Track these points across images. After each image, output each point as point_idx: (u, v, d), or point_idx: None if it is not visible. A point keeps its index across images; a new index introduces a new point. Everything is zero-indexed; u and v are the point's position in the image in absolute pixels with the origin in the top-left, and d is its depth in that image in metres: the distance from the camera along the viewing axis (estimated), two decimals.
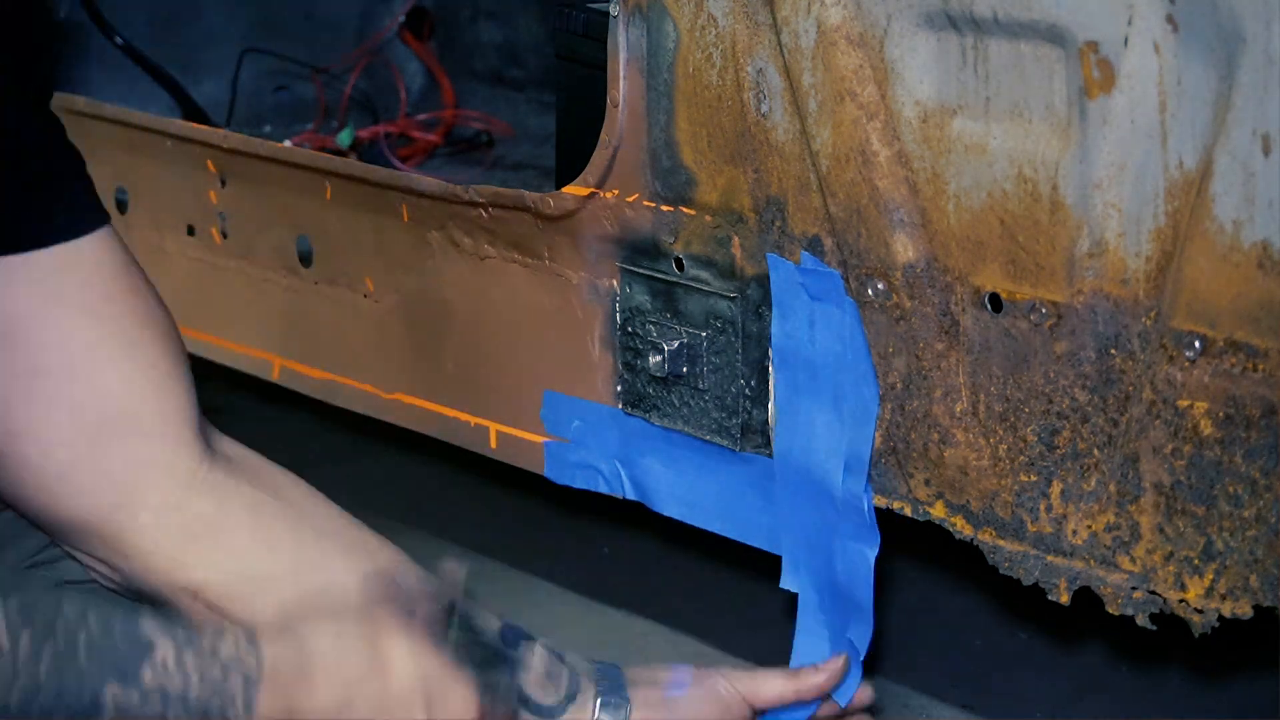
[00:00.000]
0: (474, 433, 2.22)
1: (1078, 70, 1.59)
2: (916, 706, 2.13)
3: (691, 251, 1.94)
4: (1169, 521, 1.62)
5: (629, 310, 2.02)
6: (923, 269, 1.74)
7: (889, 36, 1.71)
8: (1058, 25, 1.59)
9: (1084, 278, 1.63)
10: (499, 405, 2.20)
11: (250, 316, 2.47)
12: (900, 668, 2.20)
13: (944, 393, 1.76)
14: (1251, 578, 1.57)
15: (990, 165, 1.67)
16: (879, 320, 1.79)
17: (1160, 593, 1.64)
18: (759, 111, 1.83)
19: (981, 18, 1.65)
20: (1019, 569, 1.74)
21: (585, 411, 2.08)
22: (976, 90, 1.68)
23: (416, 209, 2.20)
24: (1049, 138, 1.63)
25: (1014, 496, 1.73)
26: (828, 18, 1.74)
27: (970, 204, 1.69)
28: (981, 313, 1.71)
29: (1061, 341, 1.66)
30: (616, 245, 2.01)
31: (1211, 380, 1.56)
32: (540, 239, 2.08)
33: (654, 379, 2.00)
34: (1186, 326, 1.57)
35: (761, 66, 1.81)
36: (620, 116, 1.95)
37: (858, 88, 1.74)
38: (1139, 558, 1.65)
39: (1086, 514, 1.69)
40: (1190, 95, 1.53)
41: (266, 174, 2.38)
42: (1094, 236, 1.61)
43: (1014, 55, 1.64)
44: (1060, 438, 1.69)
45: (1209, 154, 1.52)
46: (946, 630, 2.30)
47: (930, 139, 1.71)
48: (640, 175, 1.95)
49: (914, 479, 1.81)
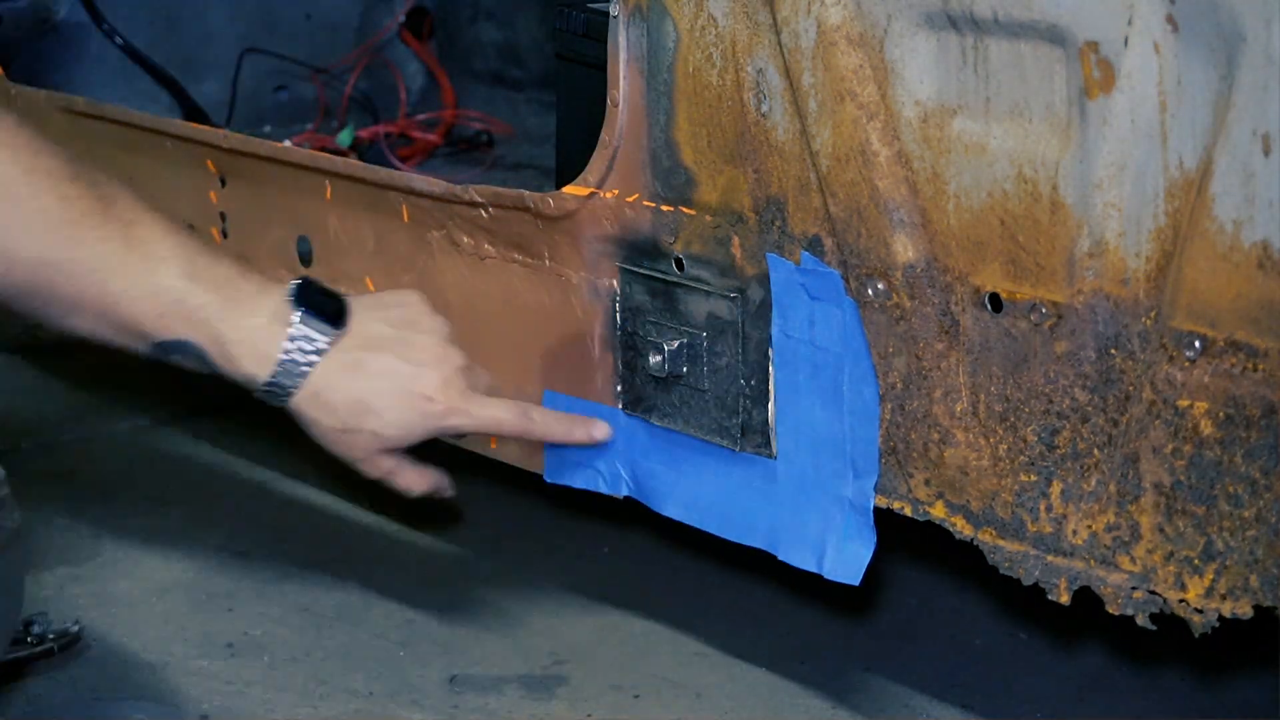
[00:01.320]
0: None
1: (1078, 70, 1.59)
2: (916, 706, 2.13)
3: (691, 251, 1.94)
4: (1169, 521, 1.62)
5: (629, 310, 2.02)
6: (923, 269, 1.74)
7: (889, 36, 1.71)
8: (1058, 25, 1.59)
9: (1084, 278, 1.63)
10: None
11: None
12: (900, 668, 2.20)
13: (944, 393, 1.76)
14: (1251, 578, 1.57)
15: (990, 165, 1.67)
16: (879, 320, 1.79)
17: (1160, 593, 1.64)
18: (759, 111, 1.83)
19: (981, 18, 1.65)
20: (1019, 569, 1.74)
21: (584, 412, 2.08)
22: (976, 90, 1.68)
23: (416, 209, 2.20)
24: (1049, 138, 1.63)
25: (1014, 496, 1.73)
26: (828, 18, 1.74)
27: (970, 204, 1.69)
28: (981, 313, 1.71)
29: (1061, 341, 1.66)
30: (616, 245, 2.01)
31: (1211, 380, 1.56)
32: (540, 239, 2.08)
33: (654, 379, 2.00)
34: (1187, 326, 1.57)
35: (761, 66, 1.81)
36: (620, 116, 1.95)
37: (858, 88, 1.74)
38: (1139, 558, 1.65)
39: (1086, 514, 1.69)
40: (1190, 95, 1.53)
41: (266, 174, 2.38)
42: (1094, 236, 1.61)
43: (1014, 55, 1.64)
44: (1060, 438, 1.69)
45: (1209, 154, 1.52)
46: (946, 630, 2.30)
47: (930, 139, 1.71)
48: (640, 175, 1.95)
49: (914, 479, 1.81)
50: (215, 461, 2.78)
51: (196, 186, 2.48)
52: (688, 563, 2.45)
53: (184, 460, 2.79)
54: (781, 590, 2.36)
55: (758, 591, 2.37)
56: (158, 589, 2.40)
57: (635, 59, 1.93)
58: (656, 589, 2.40)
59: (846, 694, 2.15)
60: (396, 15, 3.22)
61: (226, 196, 2.46)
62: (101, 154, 2.58)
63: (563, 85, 2.32)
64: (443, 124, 3.12)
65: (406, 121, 3.13)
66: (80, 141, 2.61)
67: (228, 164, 2.44)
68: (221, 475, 2.74)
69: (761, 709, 2.13)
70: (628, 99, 1.94)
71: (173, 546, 2.51)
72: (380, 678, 2.18)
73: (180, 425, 2.89)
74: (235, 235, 2.47)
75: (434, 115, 3.16)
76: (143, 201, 1.77)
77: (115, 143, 2.56)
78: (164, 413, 2.92)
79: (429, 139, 3.08)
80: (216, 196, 2.47)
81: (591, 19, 2.16)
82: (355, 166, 2.31)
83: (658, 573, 2.44)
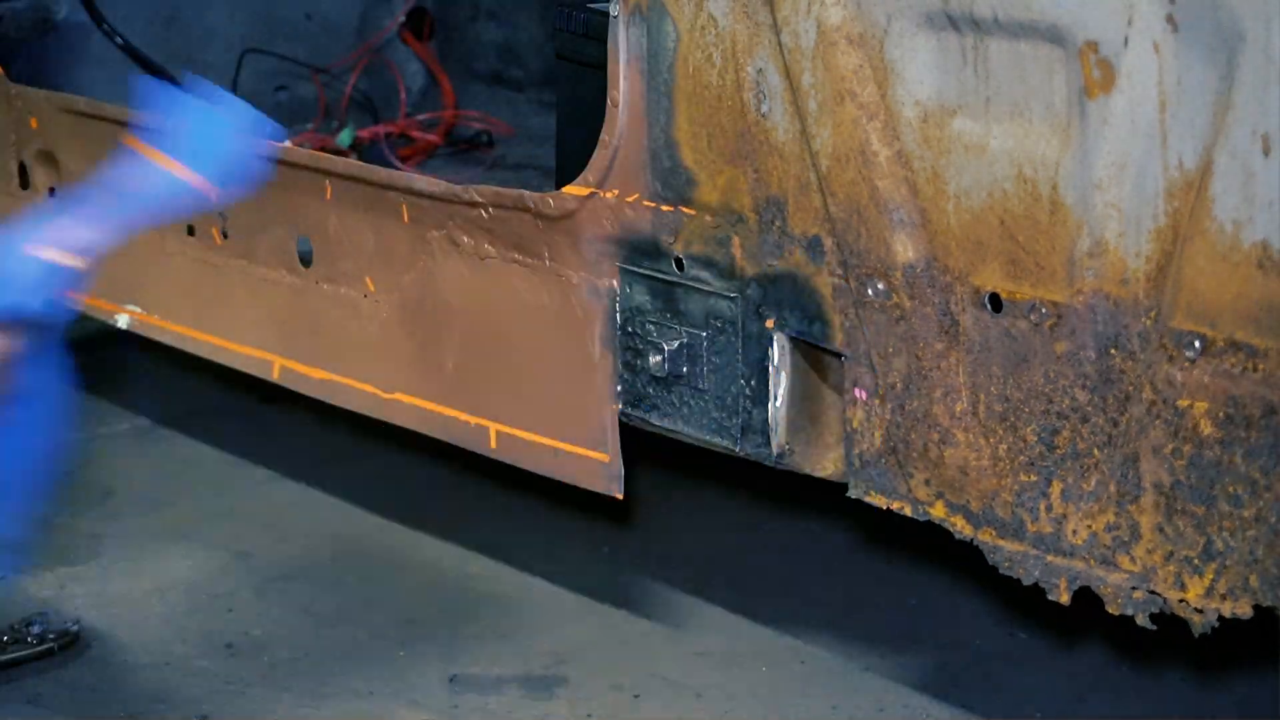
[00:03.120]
0: (474, 432, 2.22)
1: (1078, 70, 1.59)
2: (916, 706, 2.13)
3: (691, 251, 1.94)
4: (1169, 521, 1.62)
5: (629, 310, 2.02)
6: (923, 269, 1.74)
7: (889, 36, 1.71)
8: (1058, 25, 1.59)
9: (1084, 278, 1.63)
10: (499, 405, 2.19)
11: (250, 317, 2.47)
12: (900, 668, 2.20)
13: (944, 393, 1.76)
14: (1251, 577, 1.57)
15: (990, 165, 1.67)
16: (879, 320, 1.79)
17: (1160, 593, 1.64)
18: (759, 111, 1.83)
19: (981, 18, 1.65)
20: (1019, 569, 1.74)
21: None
22: (976, 90, 1.68)
23: (416, 209, 2.20)
24: (1049, 138, 1.63)
25: (1014, 496, 1.73)
26: (828, 18, 1.74)
27: (970, 204, 1.69)
28: (981, 313, 1.71)
29: (1061, 341, 1.66)
30: (616, 245, 2.01)
31: (1211, 380, 1.56)
32: (540, 239, 2.08)
33: (654, 379, 2.00)
34: (1186, 326, 1.57)
35: (761, 66, 1.81)
36: (620, 116, 1.95)
37: (858, 88, 1.74)
38: (1139, 557, 1.65)
39: (1086, 514, 1.69)
40: (1190, 95, 1.53)
41: (266, 174, 2.38)
42: (1094, 236, 1.61)
43: (1014, 55, 1.64)
44: (1060, 438, 1.69)
45: (1209, 154, 1.52)
46: (946, 630, 2.30)
47: (930, 139, 1.71)
48: (640, 175, 1.95)
49: (914, 479, 1.81)
50: (215, 461, 2.78)
51: None
52: (688, 564, 2.45)
53: (184, 460, 2.79)
54: (782, 591, 2.36)
55: (757, 592, 2.37)
56: (158, 589, 2.40)
57: (635, 59, 1.93)
58: (656, 589, 2.40)
59: (846, 694, 2.16)
60: (396, 15, 3.22)
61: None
62: (102, 154, 2.58)
63: (563, 85, 2.32)
64: (443, 124, 3.12)
65: (406, 121, 3.13)
66: (81, 141, 2.61)
67: None
68: (221, 475, 2.74)
69: (761, 709, 2.13)
70: (628, 99, 1.94)
71: (173, 546, 2.51)
72: (380, 678, 2.19)
73: (180, 425, 2.89)
74: (235, 235, 2.47)
75: (434, 115, 3.15)
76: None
77: (115, 143, 2.56)
78: (164, 413, 2.92)
79: (429, 139, 3.08)
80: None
81: (591, 19, 2.16)
82: (355, 166, 2.31)
83: (658, 573, 2.44)
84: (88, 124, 2.58)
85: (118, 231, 1.81)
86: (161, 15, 3.05)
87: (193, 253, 2.51)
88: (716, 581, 2.40)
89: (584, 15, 2.19)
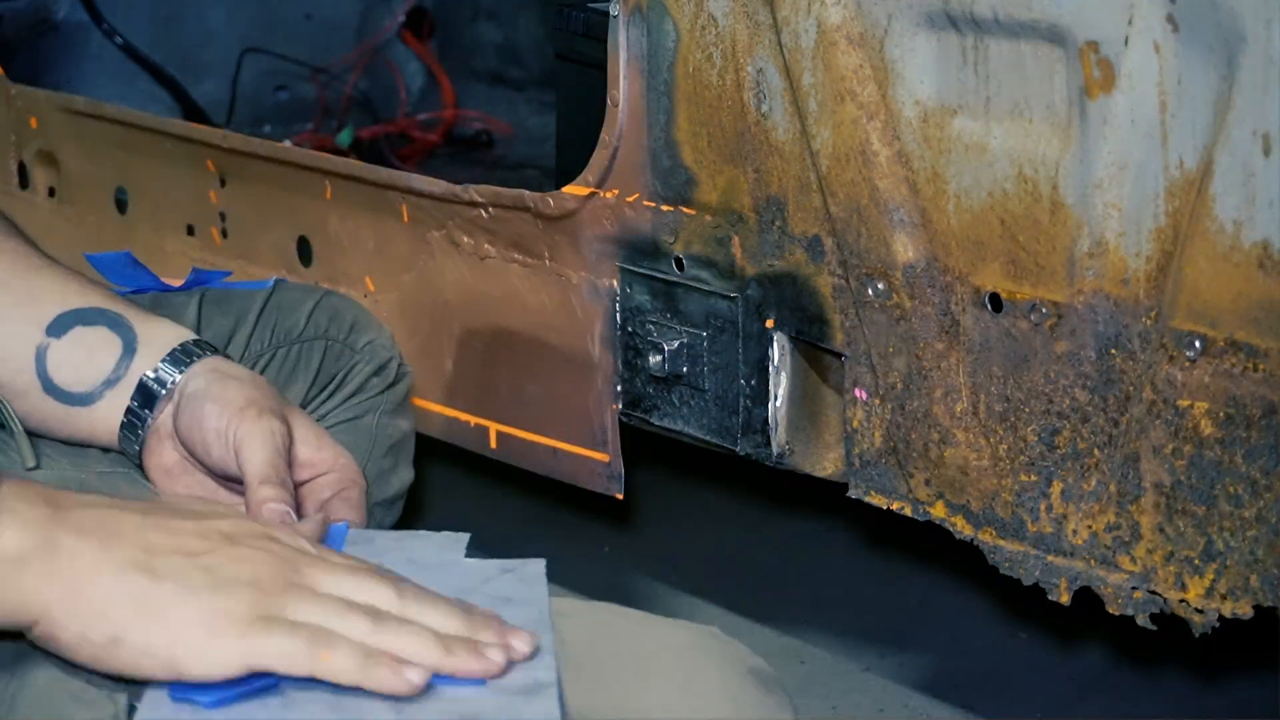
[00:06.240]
0: (474, 433, 2.22)
1: (1078, 70, 1.59)
2: (916, 706, 2.13)
3: (691, 251, 1.94)
4: (1169, 521, 1.62)
5: (629, 310, 2.02)
6: (923, 269, 1.74)
7: (889, 36, 1.71)
8: (1058, 25, 1.59)
9: (1084, 278, 1.63)
10: (499, 405, 2.19)
11: None
12: (900, 667, 2.20)
13: (944, 393, 1.76)
14: (1252, 578, 1.57)
15: (990, 165, 1.67)
16: (879, 320, 1.79)
17: (1160, 593, 1.64)
18: (759, 111, 1.83)
19: (982, 17, 1.65)
20: (1019, 569, 1.74)
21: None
22: (977, 90, 1.68)
23: (416, 209, 2.20)
24: (1049, 137, 1.63)
25: (1014, 496, 1.73)
26: (828, 17, 1.74)
27: (970, 204, 1.69)
28: (982, 313, 1.71)
29: (1062, 341, 1.66)
30: (616, 245, 2.01)
31: (1212, 380, 1.56)
32: (540, 239, 2.08)
33: (654, 379, 2.00)
34: (1187, 326, 1.56)
35: (761, 66, 1.81)
36: (620, 116, 1.95)
37: (858, 87, 1.74)
38: (1139, 558, 1.65)
39: (1087, 514, 1.69)
40: (1190, 95, 1.53)
41: (266, 174, 2.38)
42: (1094, 236, 1.61)
43: (1014, 55, 1.64)
44: (1060, 438, 1.69)
45: (1209, 154, 1.52)
46: (946, 630, 2.30)
47: (930, 139, 1.71)
48: (640, 175, 1.95)
49: (914, 479, 1.81)
50: None
51: (196, 186, 2.48)
52: (687, 563, 2.45)
53: None
54: (782, 591, 2.36)
55: (757, 592, 2.37)
56: None
57: (635, 59, 1.93)
58: (656, 589, 2.40)
59: (846, 694, 2.15)
60: (396, 15, 3.22)
61: (226, 196, 2.46)
62: (102, 154, 2.58)
63: (563, 85, 2.32)
64: (443, 124, 3.12)
65: (406, 121, 3.13)
66: (80, 141, 2.61)
67: (228, 164, 2.44)
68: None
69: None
70: (628, 99, 1.94)
71: None
72: None
73: None
74: (235, 235, 2.47)
75: (434, 115, 3.16)
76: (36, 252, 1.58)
77: (115, 143, 2.56)
78: None
79: (429, 139, 3.08)
80: (216, 196, 2.47)
81: (591, 19, 2.16)
82: (355, 166, 2.31)
83: (658, 573, 2.44)
84: (88, 124, 2.58)
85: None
86: (161, 15, 3.05)
87: (192, 253, 2.52)
88: (716, 581, 2.40)
89: (584, 15, 2.19)
